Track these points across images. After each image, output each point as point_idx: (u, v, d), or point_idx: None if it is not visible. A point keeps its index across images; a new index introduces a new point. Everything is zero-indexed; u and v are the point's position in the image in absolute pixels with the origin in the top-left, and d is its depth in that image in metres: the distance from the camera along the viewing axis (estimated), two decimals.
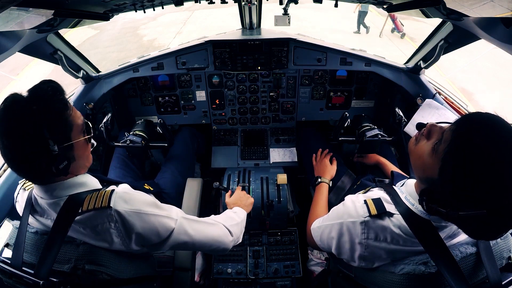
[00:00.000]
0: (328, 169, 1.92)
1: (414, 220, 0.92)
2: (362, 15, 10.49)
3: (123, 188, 1.09)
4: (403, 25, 10.46)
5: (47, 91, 0.91)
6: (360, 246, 1.01)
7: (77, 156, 1.01)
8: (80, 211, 0.96)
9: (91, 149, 1.11)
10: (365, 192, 1.19)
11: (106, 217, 0.97)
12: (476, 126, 0.74)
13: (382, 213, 0.97)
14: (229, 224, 1.36)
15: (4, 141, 0.87)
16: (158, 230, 1.06)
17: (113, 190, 1.01)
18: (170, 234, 1.10)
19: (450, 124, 0.81)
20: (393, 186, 1.11)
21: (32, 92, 0.90)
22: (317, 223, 1.29)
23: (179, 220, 1.13)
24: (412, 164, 0.95)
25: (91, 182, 1.08)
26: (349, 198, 1.12)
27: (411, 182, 1.02)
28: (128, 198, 1.02)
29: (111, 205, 0.97)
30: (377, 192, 1.11)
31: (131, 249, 1.05)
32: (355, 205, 1.05)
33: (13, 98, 0.88)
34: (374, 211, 0.98)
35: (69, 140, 0.96)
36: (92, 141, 1.11)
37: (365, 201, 1.03)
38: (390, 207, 0.99)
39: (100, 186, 1.09)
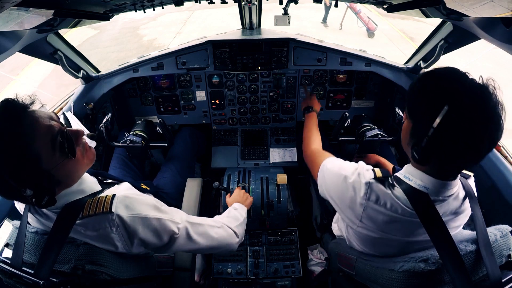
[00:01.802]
0: (317, 103, 2.02)
1: (413, 194, 0.97)
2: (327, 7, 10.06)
3: (125, 191, 1.08)
4: (376, 25, 9.60)
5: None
6: (360, 207, 1.05)
7: (63, 176, 0.93)
8: (81, 216, 0.95)
9: (94, 147, 1.07)
10: None
11: (107, 222, 0.97)
12: (418, 78, 0.96)
13: (386, 178, 1.05)
14: (234, 225, 1.35)
15: None
16: (161, 234, 1.06)
17: (114, 195, 1.00)
18: (175, 239, 1.09)
19: None
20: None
21: None
22: (329, 164, 1.26)
23: (183, 224, 1.13)
24: (403, 144, 1.06)
25: (90, 186, 1.05)
26: (360, 162, 1.18)
27: (407, 165, 1.07)
28: (129, 203, 1.01)
29: (113, 210, 0.96)
30: None
31: (133, 252, 1.05)
32: (364, 168, 1.11)
33: None
34: (379, 174, 1.06)
35: (43, 172, 0.86)
36: (87, 141, 1.03)
37: (372, 168, 1.10)
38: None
39: (99, 188, 1.07)
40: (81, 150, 0.99)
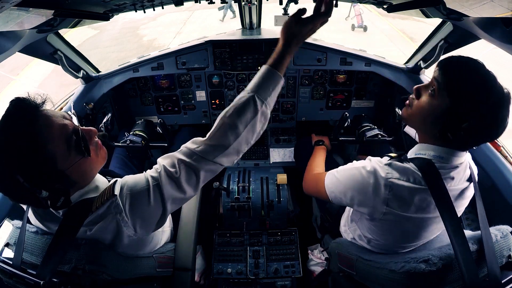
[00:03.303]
0: (327, 142, 2.04)
1: (425, 164, 1.02)
2: None
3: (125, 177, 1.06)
4: (362, 21, 10.13)
5: (18, 128, 0.80)
6: (384, 188, 1.03)
7: (77, 177, 0.93)
8: (91, 213, 0.94)
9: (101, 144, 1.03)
10: None
11: (113, 208, 0.94)
12: (455, 61, 0.98)
13: (401, 154, 1.09)
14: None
15: None
16: (157, 201, 0.97)
17: (116, 181, 0.99)
18: (164, 203, 0.98)
19: (433, 72, 1.02)
20: None
21: (1, 129, 0.80)
22: (335, 170, 1.27)
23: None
24: (417, 122, 1.09)
25: (101, 186, 1.03)
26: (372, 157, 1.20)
27: (413, 147, 1.12)
28: (127, 181, 0.99)
29: (116, 193, 0.94)
30: None
31: (139, 236, 1.00)
32: (379, 158, 1.14)
33: None
34: (394, 154, 1.11)
35: (58, 172, 0.85)
36: (96, 140, 1.00)
37: (385, 154, 1.15)
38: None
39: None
40: (94, 149, 0.98)
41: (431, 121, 1.01)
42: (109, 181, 1.11)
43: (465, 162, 1.05)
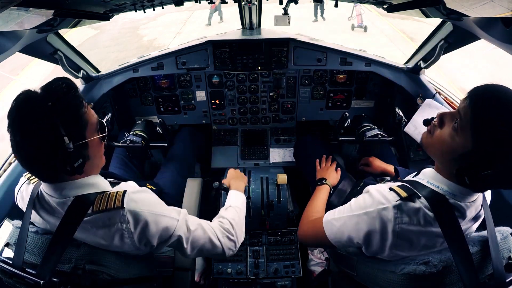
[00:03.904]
0: (333, 176, 1.83)
1: (437, 199, 0.93)
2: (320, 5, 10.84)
3: (133, 188, 1.09)
4: (362, 20, 10.51)
5: (62, 87, 0.91)
6: (392, 235, 0.95)
7: (91, 155, 1.00)
8: (90, 211, 0.95)
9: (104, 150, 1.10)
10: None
11: (118, 218, 0.97)
12: (488, 95, 0.83)
13: (412, 194, 0.96)
14: (226, 236, 1.25)
15: (17, 139, 0.85)
16: (166, 231, 1.07)
17: (125, 191, 1.01)
18: (172, 233, 1.09)
19: (460, 103, 0.88)
20: (408, 178, 1.10)
21: (46, 88, 0.90)
22: (332, 216, 1.17)
23: (182, 218, 1.14)
24: (435, 153, 0.98)
25: (103, 183, 1.06)
26: (372, 188, 1.07)
27: (428, 170, 1.02)
28: (141, 199, 1.03)
29: (125, 205, 0.97)
30: (395, 183, 1.08)
31: (138, 250, 1.05)
32: (382, 192, 1.01)
33: (27, 95, 0.87)
34: (404, 193, 0.96)
35: (84, 138, 0.95)
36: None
37: (391, 188, 1.01)
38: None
39: (110, 189, 1.07)
40: (103, 145, 1.10)
41: (450, 158, 0.90)
42: (111, 183, 1.12)
43: (479, 198, 0.97)
